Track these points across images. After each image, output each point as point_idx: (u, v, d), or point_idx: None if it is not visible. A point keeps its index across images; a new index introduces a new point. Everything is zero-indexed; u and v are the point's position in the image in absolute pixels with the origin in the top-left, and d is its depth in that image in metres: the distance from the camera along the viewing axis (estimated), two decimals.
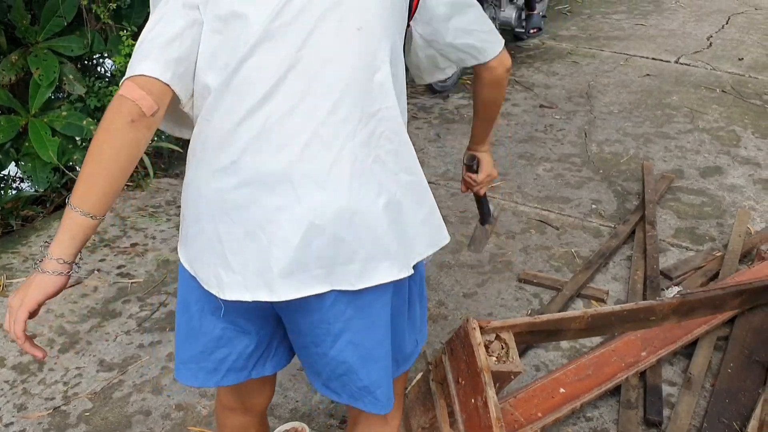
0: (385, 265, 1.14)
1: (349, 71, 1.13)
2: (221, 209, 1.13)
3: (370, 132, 1.14)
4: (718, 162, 3.29)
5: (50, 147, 2.85)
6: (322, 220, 1.10)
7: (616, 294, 2.40)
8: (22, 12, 2.96)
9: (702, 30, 5.16)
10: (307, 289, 1.13)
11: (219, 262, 1.15)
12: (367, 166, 1.14)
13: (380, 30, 1.16)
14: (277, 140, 1.11)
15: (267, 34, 1.12)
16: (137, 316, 2.31)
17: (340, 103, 1.12)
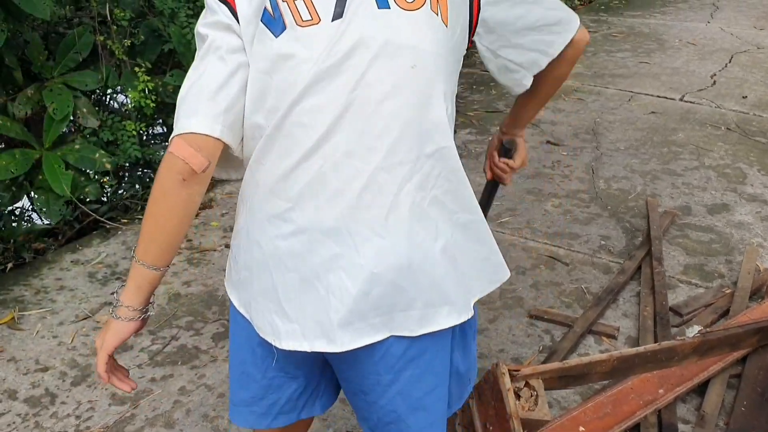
0: (445, 311, 1.14)
1: (404, 111, 1.10)
2: (276, 256, 1.12)
3: (427, 173, 1.13)
4: (725, 199, 3.31)
5: (63, 180, 2.88)
6: (380, 268, 1.10)
7: (627, 330, 2.40)
8: (39, 48, 3.01)
9: (706, 68, 5.22)
10: (365, 339, 1.12)
11: (275, 309, 1.13)
12: (424, 209, 1.13)
13: (434, 66, 1.13)
14: (333, 186, 1.09)
15: (318, 75, 1.09)
16: (149, 350, 2.31)
17: (396, 145, 1.10)
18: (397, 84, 1.10)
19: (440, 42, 1.13)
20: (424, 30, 1.12)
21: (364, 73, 1.09)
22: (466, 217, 1.18)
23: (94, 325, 2.43)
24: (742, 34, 6.16)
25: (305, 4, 1.11)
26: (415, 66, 1.11)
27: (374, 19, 1.10)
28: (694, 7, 7.26)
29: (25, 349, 2.31)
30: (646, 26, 6.49)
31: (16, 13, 2.75)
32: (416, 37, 1.11)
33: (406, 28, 1.11)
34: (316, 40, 1.10)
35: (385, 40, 1.10)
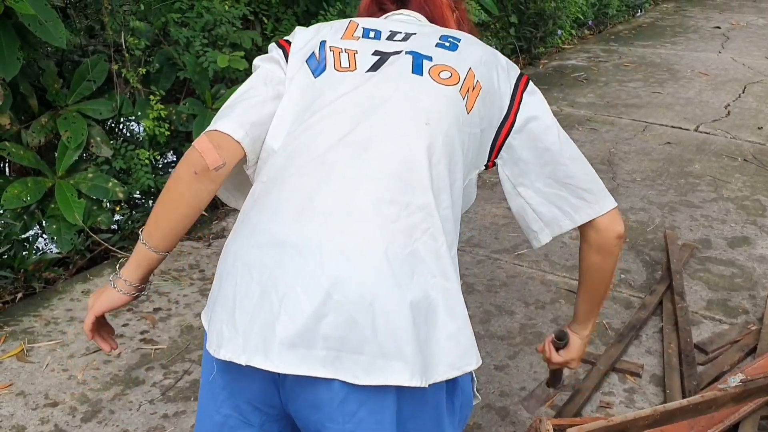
0: (398, 367, 1.03)
1: (407, 159, 1.12)
2: (245, 265, 1.09)
3: (414, 224, 1.08)
4: (746, 232, 3.26)
5: (76, 209, 2.85)
6: (340, 295, 1.02)
7: (651, 368, 2.33)
8: (54, 76, 3.00)
9: (719, 98, 5.19)
10: (306, 368, 1.03)
11: (226, 319, 1.08)
12: (402, 256, 1.06)
13: (447, 135, 1.16)
14: (319, 206, 1.08)
15: (334, 108, 1.17)
16: (161, 385, 2.25)
17: (389, 185, 1.09)
18: (407, 133, 1.14)
19: (458, 121, 1.18)
20: (448, 104, 1.18)
21: (379, 114, 1.15)
22: (443, 284, 1.09)
23: (105, 358, 2.37)
24: (754, 65, 6.15)
25: (348, 56, 1.24)
26: (429, 124, 1.15)
27: (405, 79, 1.19)
28: (704, 38, 7.27)
29: (34, 382, 2.26)
30: (657, 56, 6.49)
31: (31, 41, 2.74)
32: (438, 106, 1.17)
33: (431, 95, 1.18)
34: (345, 83, 1.20)
35: (407, 98, 1.17)
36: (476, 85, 1.22)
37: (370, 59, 1.23)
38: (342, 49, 1.26)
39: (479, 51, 1.29)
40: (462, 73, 1.22)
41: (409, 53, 1.23)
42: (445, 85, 1.20)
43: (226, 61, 3.14)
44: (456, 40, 1.29)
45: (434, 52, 1.25)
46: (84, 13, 3.42)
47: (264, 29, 3.67)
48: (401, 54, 1.24)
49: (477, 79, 1.23)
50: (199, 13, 3.32)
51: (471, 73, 1.23)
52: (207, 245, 3.13)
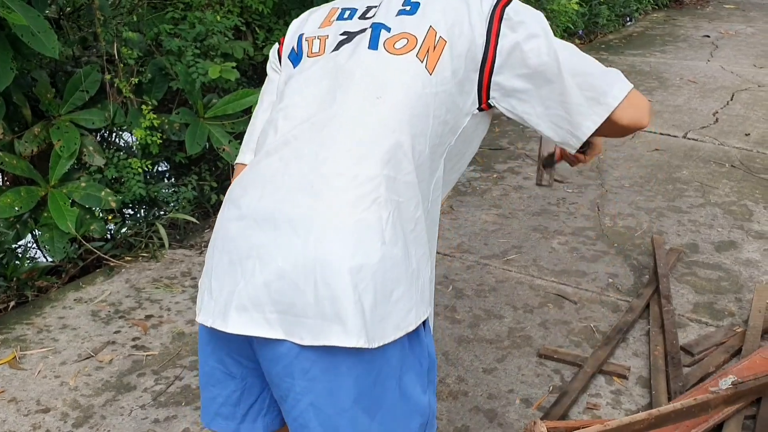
0: (337, 329, 1.09)
1: (357, 134, 1.18)
2: (222, 237, 1.21)
3: (363, 194, 1.14)
4: (732, 236, 3.29)
5: (69, 217, 2.87)
6: (286, 264, 1.11)
7: (638, 370, 2.36)
8: (47, 86, 3.03)
9: (707, 106, 5.25)
10: (256, 328, 1.13)
11: (207, 286, 1.21)
12: (349, 224, 1.12)
13: (404, 104, 1.20)
14: (279, 182, 1.18)
15: (299, 89, 1.27)
16: (152, 390, 2.27)
17: (340, 160, 1.16)
18: (359, 109, 1.20)
19: (417, 85, 1.21)
20: (401, 72, 1.22)
21: (335, 94, 1.22)
22: (390, 250, 1.13)
23: (96, 364, 2.39)
24: (742, 73, 6.21)
25: (319, 41, 1.32)
26: (380, 97, 1.20)
27: (360, 56, 1.25)
28: (693, 46, 7.34)
29: (26, 389, 2.27)
30: (646, 65, 6.55)
31: (24, 52, 2.77)
32: (391, 77, 1.22)
33: (384, 67, 1.23)
34: (313, 66, 1.30)
35: (362, 73, 1.23)
36: (438, 42, 1.23)
37: (336, 40, 1.31)
38: (315, 36, 1.34)
39: (443, 3, 1.28)
40: (420, 36, 1.24)
41: (372, 26, 1.28)
42: (398, 55, 1.23)
43: (217, 71, 3.18)
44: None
45: (394, 20, 1.27)
46: (77, 24, 3.46)
47: (256, 39, 3.71)
48: (365, 32, 1.29)
49: (439, 35, 1.23)
50: (191, 24, 3.36)
51: (431, 31, 1.24)
52: (199, 253, 3.16)
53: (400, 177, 1.17)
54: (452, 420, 2.13)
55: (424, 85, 1.21)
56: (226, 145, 3.36)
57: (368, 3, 1.35)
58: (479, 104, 1.28)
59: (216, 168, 3.60)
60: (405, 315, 1.15)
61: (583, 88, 1.25)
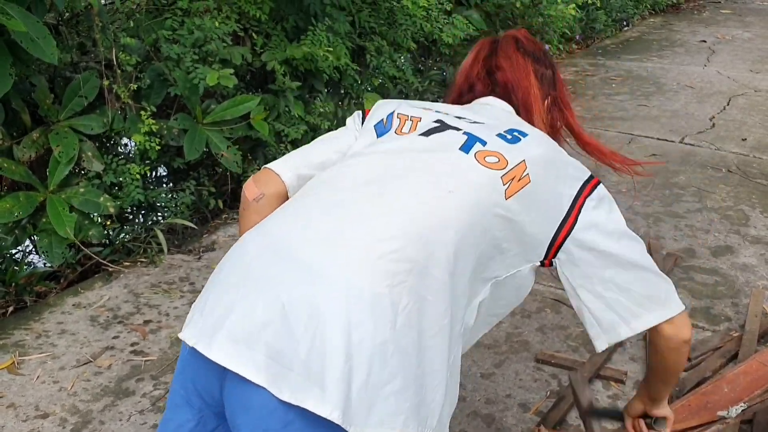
0: (315, 392, 1.02)
1: (414, 214, 1.15)
2: (234, 255, 1.19)
3: (396, 271, 1.08)
4: (729, 241, 3.31)
5: (67, 223, 2.87)
6: (291, 310, 1.05)
7: (635, 375, 2.37)
8: (46, 92, 3.04)
9: (704, 111, 5.27)
10: (241, 366, 1.04)
11: (200, 304, 1.16)
12: (367, 294, 1.05)
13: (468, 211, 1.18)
14: (318, 226, 1.14)
15: (376, 156, 1.28)
16: (151, 395, 2.28)
17: (388, 230, 1.12)
18: (429, 194, 1.18)
19: (489, 200, 1.20)
20: (482, 182, 1.21)
21: (409, 172, 1.22)
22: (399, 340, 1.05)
23: (95, 369, 2.40)
24: (738, 78, 6.24)
25: (411, 123, 1.34)
26: (452, 192, 1.18)
27: (448, 151, 1.25)
28: (690, 51, 7.36)
29: (24, 394, 2.28)
30: (643, 70, 6.57)
31: (23, 58, 2.78)
32: (470, 180, 1.21)
33: (467, 169, 1.22)
34: (397, 140, 1.31)
35: (443, 164, 1.23)
36: (524, 177, 1.23)
37: (428, 125, 1.32)
38: (408, 117, 1.36)
39: (542, 149, 1.31)
40: (511, 162, 1.24)
41: (466, 134, 1.29)
42: (486, 167, 1.23)
43: (215, 78, 3.19)
44: (521, 135, 1.32)
45: (491, 139, 1.28)
46: (76, 30, 3.46)
47: (254, 45, 3.72)
48: (459, 131, 1.30)
49: (527, 172, 1.24)
50: (189, 30, 3.37)
51: (522, 164, 1.24)
52: (197, 258, 3.16)
53: (435, 273, 1.11)
54: (450, 425, 2.12)
55: (496, 204, 1.20)
56: (224, 150, 3.37)
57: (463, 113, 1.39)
58: (544, 258, 1.28)
59: (214, 173, 3.61)
60: (394, 415, 1.06)
61: (650, 285, 1.28)
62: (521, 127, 1.37)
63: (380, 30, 4.42)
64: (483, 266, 1.22)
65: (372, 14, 4.39)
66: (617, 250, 1.26)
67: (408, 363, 1.07)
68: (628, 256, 1.27)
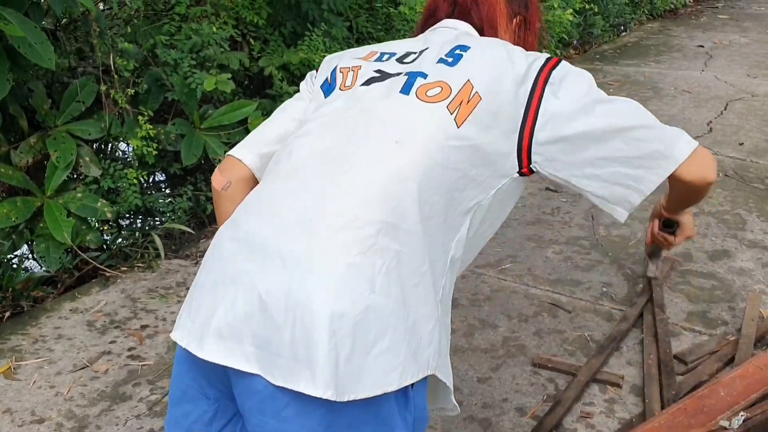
0: (306, 374, 1.04)
1: (367, 175, 1.15)
2: (211, 255, 1.20)
3: (360, 238, 1.09)
4: (726, 245, 3.31)
5: (65, 228, 2.87)
6: (269, 298, 1.07)
7: (632, 379, 2.37)
8: (43, 97, 3.05)
9: (701, 116, 5.28)
10: (232, 360, 1.08)
11: (187, 303, 1.18)
12: (340, 267, 1.07)
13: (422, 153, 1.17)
14: (281, 211, 1.16)
15: (322, 122, 1.26)
16: (147, 400, 2.27)
17: (343, 199, 1.13)
18: (375, 151, 1.18)
19: (439, 135, 1.18)
20: (427, 120, 1.19)
21: (356, 131, 1.21)
22: (381, 300, 1.07)
23: (92, 374, 2.39)
24: (736, 82, 6.25)
25: (353, 73, 1.32)
26: (399, 142, 1.17)
27: (389, 98, 1.24)
28: (688, 56, 7.38)
29: (20, 400, 2.27)
30: (641, 74, 6.58)
31: (21, 63, 2.79)
32: (416, 123, 1.20)
33: (411, 113, 1.21)
34: (340, 98, 1.29)
35: (387, 115, 1.21)
36: (473, 96, 1.20)
37: (369, 74, 1.30)
38: (350, 68, 1.34)
39: (485, 58, 1.25)
40: (455, 87, 1.21)
41: (407, 74, 1.26)
42: (429, 103, 1.20)
43: (213, 83, 3.20)
44: (463, 50, 1.27)
45: (432, 68, 1.25)
46: (73, 36, 3.48)
47: (251, 50, 3.73)
48: (399, 75, 1.27)
49: (475, 90, 1.20)
50: (187, 35, 3.38)
51: (468, 85, 1.21)
52: (194, 263, 3.16)
53: (404, 226, 1.12)
54: (447, 429, 2.14)
55: (448, 137, 1.18)
56: (221, 155, 3.37)
57: (408, 49, 1.34)
58: (519, 168, 1.24)
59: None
60: (387, 373, 1.07)
61: (641, 144, 1.19)
62: (465, 40, 1.30)
63: (378, 35, 4.43)
64: (457, 200, 1.20)
65: (369, 20, 4.40)
66: (588, 126, 1.18)
67: (395, 318, 1.09)
68: (602, 125, 1.18)
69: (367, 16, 4.40)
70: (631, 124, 1.20)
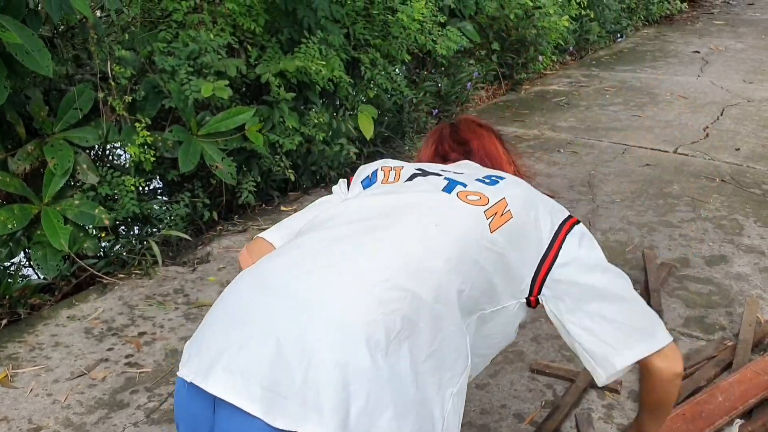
0: (314, 418, 1.05)
1: (403, 245, 1.20)
2: (229, 294, 1.21)
3: (388, 299, 1.12)
4: (723, 251, 3.32)
5: (62, 235, 2.87)
6: (286, 340, 1.08)
7: (630, 384, 2.37)
8: (41, 104, 3.05)
9: (698, 121, 5.29)
10: (235, 396, 1.07)
11: (194, 341, 1.20)
12: (360, 322, 1.09)
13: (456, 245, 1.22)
14: (310, 256, 1.19)
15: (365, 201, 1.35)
16: (145, 407, 2.27)
17: (380, 262, 1.16)
18: (418, 230, 1.23)
19: (475, 235, 1.24)
20: (466, 218, 1.27)
21: (396, 211, 1.27)
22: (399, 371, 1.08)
23: (89, 382, 2.39)
24: (732, 88, 6.27)
25: (395, 173, 1.43)
26: (439, 226, 1.23)
27: (432, 192, 1.33)
28: (684, 62, 7.40)
29: (17, 408, 2.27)
30: (637, 80, 6.60)
31: (18, 71, 2.79)
32: (455, 215, 1.27)
33: (451, 206, 1.29)
34: (383, 189, 1.39)
35: (428, 203, 1.29)
36: (506, 212, 1.29)
37: (411, 172, 1.42)
38: (392, 168, 1.46)
39: (519, 189, 1.38)
40: (492, 199, 1.31)
41: (447, 179, 1.38)
42: (469, 204, 1.30)
43: (210, 90, 3.20)
44: (499, 179, 1.41)
45: (471, 182, 1.37)
46: (71, 43, 3.48)
47: (249, 57, 3.73)
48: (440, 177, 1.39)
49: (509, 208, 1.30)
50: (184, 43, 3.39)
51: (503, 201, 1.31)
52: (192, 270, 3.16)
53: (429, 303, 1.15)
54: None
55: (482, 236, 1.25)
56: (219, 162, 3.37)
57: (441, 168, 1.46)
58: (529, 294, 1.32)
59: (209, 185, 3.61)
60: None
61: (636, 317, 1.29)
62: (498, 173, 1.46)
63: (375, 42, 4.44)
64: (473, 299, 1.24)
65: (366, 26, 4.41)
66: (600, 283, 1.29)
67: (404, 389, 1.09)
68: (611, 288, 1.29)
69: (365, 23, 4.40)
70: (629, 297, 1.31)
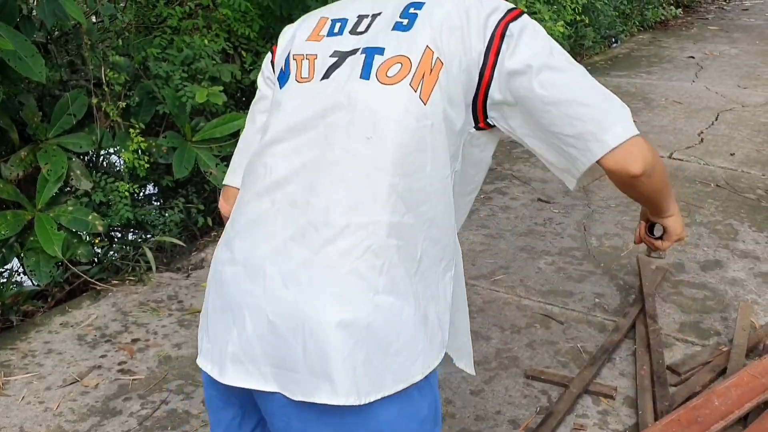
0: (326, 387, 1.07)
1: (346, 180, 1.13)
2: (214, 279, 1.22)
3: (353, 243, 1.10)
4: (718, 256, 3.32)
5: (55, 241, 2.86)
6: (276, 318, 1.10)
7: (625, 390, 2.37)
8: (34, 110, 3.04)
9: (692, 126, 5.30)
10: (251, 382, 1.12)
11: (204, 328, 1.22)
12: (339, 276, 1.09)
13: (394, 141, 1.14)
14: (270, 228, 1.16)
15: (291, 125, 1.21)
16: (138, 415, 2.26)
17: (331, 209, 1.12)
18: (351, 151, 1.15)
19: (410, 121, 1.14)
20: (393, 106, 1.15)
21: (327, 134, 1.17)
22: (386, 299, 1.10)
23: (81, 389, 2.37)
24: (726, 93, 6.28)
25: (308, 63, 1.25)
26: (371, 138, 1.14)
27: (353, 87, 1.18)
28: (678, 67, 7.42)
29: (9, 416, 2.25)
30: (632, 86, 6.61)
31: (11, 77, 2.78)
32: (382, 113, 1.15)
33: (375, 101, 1.16)
34: (301, 94, 1.23)
35: (354, 108, 1.16)
36: (435, 64, 1.15)
37: (326, 63, 1.22)
38: (304, 56, 1.26)
39: (441, 15, 1.19)
40: (415, 58, 1.16)
41: (363, 51, 1.20)
42: (391, 85, 1.15)
43: (204, 96, 3.20)
44: (417, 8, 1.21)
45: (388, 39, 1.19)
46: (65, 49, 3.47)
47: (243, 63, 3.73)
48: (356, 54, 1.21)
49: (436, 57, 1.16)
50: (178, 48, 3.39)
51: (428, 52, 1.16)
52: (186, 276, 3.15)
53: (395, 220, 1.12)
54: None
55: (418, 118, 1.14)
56: (213, 168, 3.37)
57: (360, 11, 1.26)
58: (475, 123, 1.21)
59: (203, 191, 3.61)
60: (409, 366, 1.11)
61: (580, 119, 1.15)
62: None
63: None
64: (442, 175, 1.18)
65: None
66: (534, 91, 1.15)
67: (404, 314, 1.11)
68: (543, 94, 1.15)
69: None
70: (569, 98, 1.15)
